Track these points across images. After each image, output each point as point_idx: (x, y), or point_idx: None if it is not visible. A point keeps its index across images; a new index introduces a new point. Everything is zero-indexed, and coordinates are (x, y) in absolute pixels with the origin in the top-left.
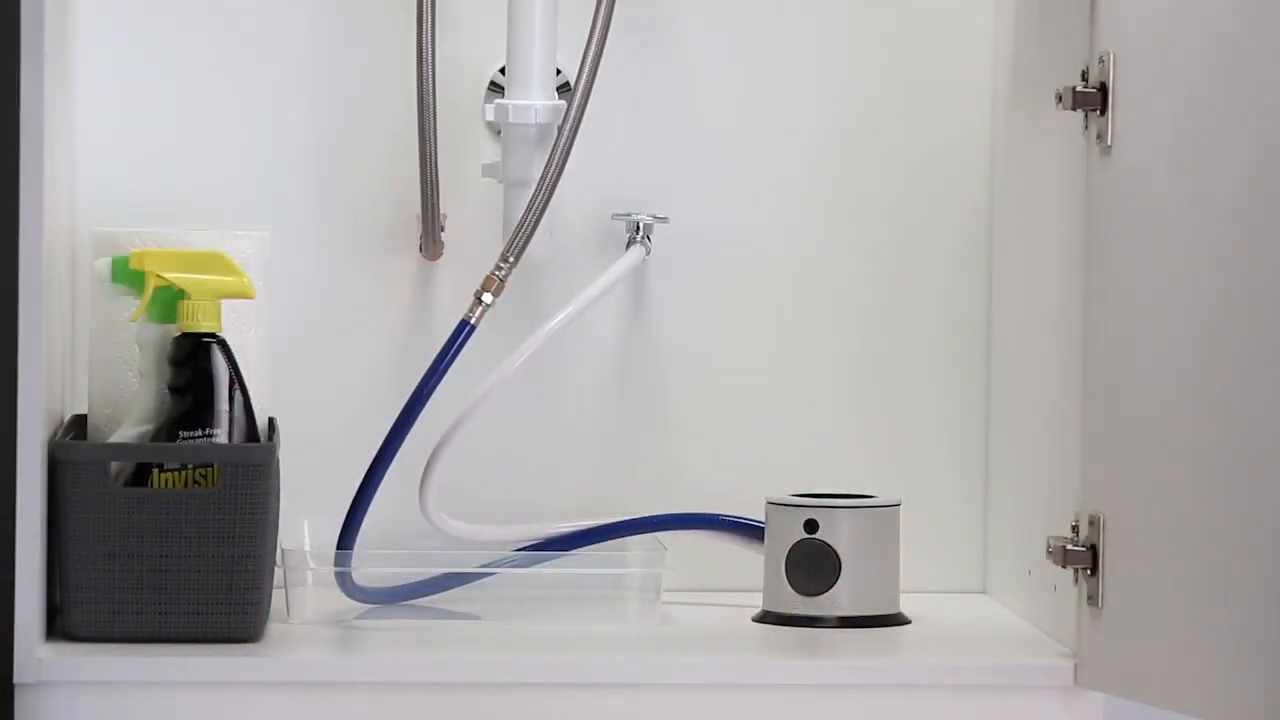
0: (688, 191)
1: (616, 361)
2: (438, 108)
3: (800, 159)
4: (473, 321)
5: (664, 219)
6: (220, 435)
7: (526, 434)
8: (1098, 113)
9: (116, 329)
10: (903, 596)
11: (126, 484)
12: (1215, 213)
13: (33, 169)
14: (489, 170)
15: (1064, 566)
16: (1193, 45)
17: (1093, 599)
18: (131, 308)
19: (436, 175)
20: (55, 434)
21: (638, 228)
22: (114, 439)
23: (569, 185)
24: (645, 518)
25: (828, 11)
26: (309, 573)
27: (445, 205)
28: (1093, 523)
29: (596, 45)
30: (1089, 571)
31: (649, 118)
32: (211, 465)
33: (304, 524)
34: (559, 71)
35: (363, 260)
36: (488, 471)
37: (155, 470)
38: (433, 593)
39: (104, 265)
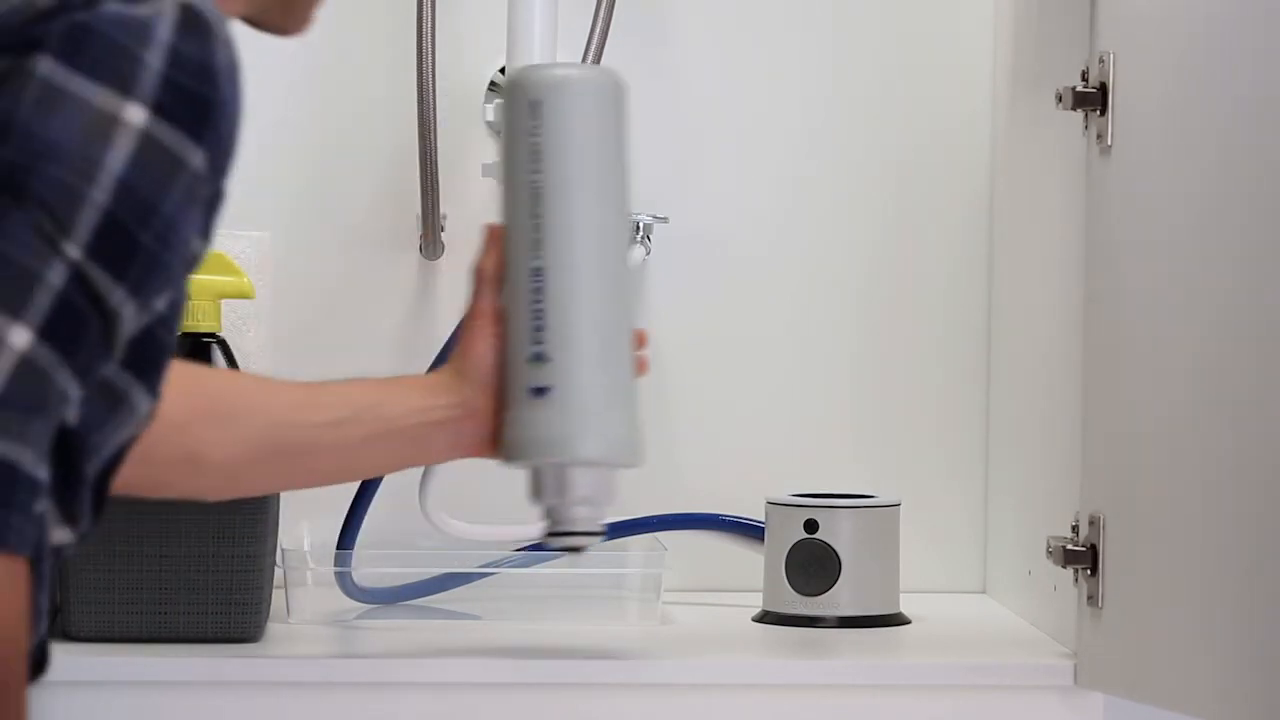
0: (688, 191)
1: None
2: (438, 108)
3: (800, 160)
4: None
5: (664, 219)
6: None
7: None
8: (1098, 113)
9: None
10: (903, 596)
11: None
12: (1215, 212)
13: None
14: (489, 170)
15: (1064, 566)
16: (1193, 45)
17: (1093, 599)
18: None
19: (436, 175)
20: None
21: (638, 228)
22: None
23: None
24: (645, 518)
25: (827, 12)
26: (309, 573)
27: (445, 205)
28: (1093, 523)
29: (596, 45)
30: (1089, 571)
31: (649, 118)
32: None
33: (304, 524)
34: None
35: (363, 260)
36: (488, 471)
37: None
38: (433, 593)
39: None
